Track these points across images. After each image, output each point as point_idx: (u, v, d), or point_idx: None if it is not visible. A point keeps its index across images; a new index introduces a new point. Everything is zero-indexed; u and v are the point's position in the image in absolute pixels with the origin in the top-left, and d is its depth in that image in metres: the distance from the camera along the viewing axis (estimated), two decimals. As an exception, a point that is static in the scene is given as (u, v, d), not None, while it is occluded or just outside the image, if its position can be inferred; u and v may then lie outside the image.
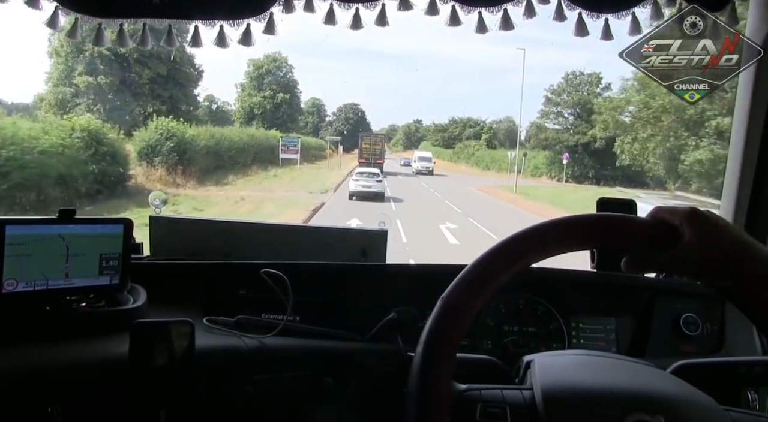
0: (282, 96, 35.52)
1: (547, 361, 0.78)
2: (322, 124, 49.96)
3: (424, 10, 1.34)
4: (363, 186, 16.59)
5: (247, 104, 34.80)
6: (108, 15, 1.27)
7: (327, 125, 50.37)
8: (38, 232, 1.01)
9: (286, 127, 33.78)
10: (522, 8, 1.34)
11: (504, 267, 0.63)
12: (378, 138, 28.79)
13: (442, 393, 0.60)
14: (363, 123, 50.75)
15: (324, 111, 49.43)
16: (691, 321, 1.28)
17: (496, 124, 47.01)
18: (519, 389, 0.73)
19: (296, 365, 1.11)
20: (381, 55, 75.72)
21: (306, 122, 46.41)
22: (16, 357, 0.89)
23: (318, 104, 49.87)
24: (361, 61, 74.39)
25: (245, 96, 35.28)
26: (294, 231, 1.59)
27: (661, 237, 0.60)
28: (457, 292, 0.63)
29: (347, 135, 47.27)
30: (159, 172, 15.94)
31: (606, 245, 0.66)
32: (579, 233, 0.64)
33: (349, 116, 50.48)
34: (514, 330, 1.31)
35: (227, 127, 25.04)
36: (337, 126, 49.04)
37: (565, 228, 0.64)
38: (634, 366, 0.78)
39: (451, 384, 0.66)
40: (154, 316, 1.03)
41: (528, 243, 0.65)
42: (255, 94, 35.20)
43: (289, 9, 1.32)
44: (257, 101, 34.89)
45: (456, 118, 51.98)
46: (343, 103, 51.50)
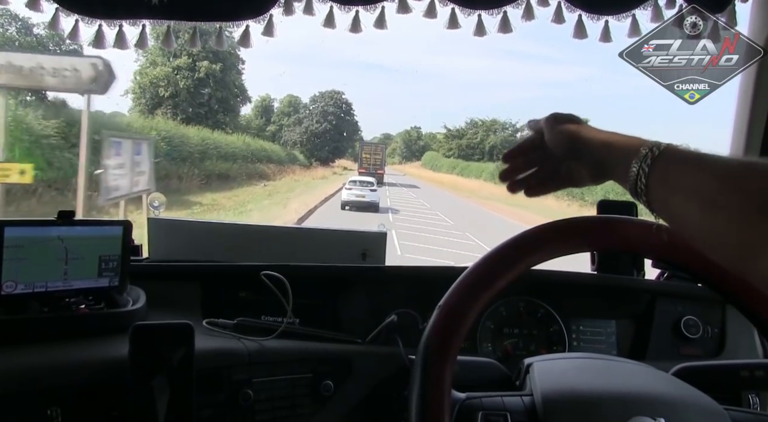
0: (207, 66, 20.95)
1: (546, 365, 0.78)
2: (289, 125, 34.38)
3: (423, 12, 1.34)
4: (356, 195, 15.83)
5: (147, 80, 20.70)
6: (108, 16, 1.28)
7: (294, 123, 34.37)
8: (37, 234, 1.01)
9: (215, 123, 20.85)
10: (521, 10, 1.34)
11: (504, 270, 0.63)
12: (378, 147, 28.95)
13: (443, 396, 0.60)
14: (348, 122, 36.25)
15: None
16: (692, 324, 1.28)
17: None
18: (519, 395, 0.72)
19: (296, 368, 1.11)
20: (371, 66, 75.51)
21: (265, 120, 33.17)
22: (15, 359, 0.89)
23: (296, 103, 36.64)
24: (352, 72, 73.87)
25: (147, 67, 21.05)
26: (293, 233, 1.59)
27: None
28: (457, 295, 0.63)
29: (326, 137, 33.87)
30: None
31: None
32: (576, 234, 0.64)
33: (329, 109, 34.87)
34: (514, 333, 1.31)
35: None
36: (310, 124, 34.05)
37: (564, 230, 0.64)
38: (635, 369, 0.78)
39: (452, 387, 0.66)
40: (154, 318, 1.02)
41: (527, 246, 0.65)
42: (165, 63, 21.01)
43: (289, 11, 1.32)
44: (165, 73, 20.79)
45: (476, 120, 39.65)
46: (319, 91, 36.16)
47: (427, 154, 45.14)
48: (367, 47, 67.38)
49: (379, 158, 26.66)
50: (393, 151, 51.88)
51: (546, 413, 0.67)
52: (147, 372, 0.91)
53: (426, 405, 0.59)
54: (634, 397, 0.68)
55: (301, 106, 36.08)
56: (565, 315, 1.30)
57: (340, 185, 19.68)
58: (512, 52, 72.65)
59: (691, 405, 0.67)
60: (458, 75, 67.41)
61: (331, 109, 35.22)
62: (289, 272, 1.17)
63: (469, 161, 36.28)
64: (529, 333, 1.31)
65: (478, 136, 37.99)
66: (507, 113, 39.34)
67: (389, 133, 56.56)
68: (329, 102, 35.40)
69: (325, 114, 34.80)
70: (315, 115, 34.70)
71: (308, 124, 34.51)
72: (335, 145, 33.24)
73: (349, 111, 36.54)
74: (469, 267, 0.65)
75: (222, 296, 1.26)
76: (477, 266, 0.63)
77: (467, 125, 39.65)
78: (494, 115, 44.01)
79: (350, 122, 36.62)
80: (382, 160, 27.04)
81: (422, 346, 0.62)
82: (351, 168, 34.75)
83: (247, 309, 1.21)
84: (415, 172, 41.49)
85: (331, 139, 34.64)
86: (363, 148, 28.09)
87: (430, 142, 47.69)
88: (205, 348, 1.01)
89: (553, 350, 1.28)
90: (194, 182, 16.38)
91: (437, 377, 0.59)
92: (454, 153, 38.54)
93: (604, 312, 1.33)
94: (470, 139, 37.88)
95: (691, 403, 0.67)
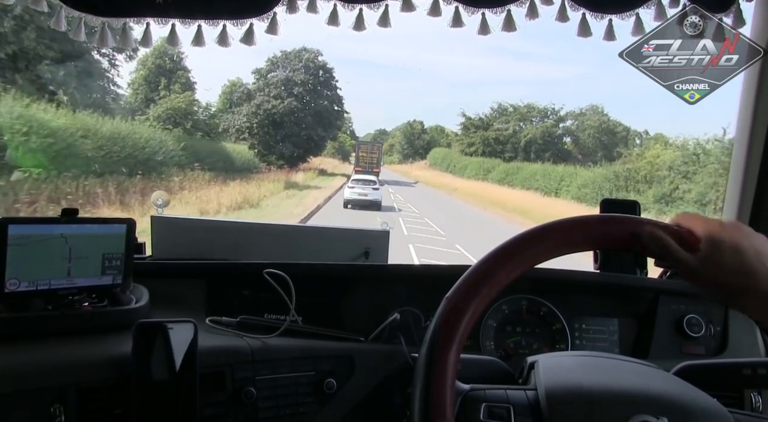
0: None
1: (551, 362, 0.78)
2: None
3: (427, 10, 1.34)
4: (359, 194, 16.18)
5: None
6: (112, 14, 1.28)
7: (242, 100, 20.27)
8: (41, 232, 1.01)
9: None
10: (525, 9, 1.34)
11: (511, 266, 0.63)
12: (375, 146, 28.52)
13: (446, 391, 0.60)
14: (329, 98, 22.14)
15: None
16: (694, 323, 1.28)
17: (579, 116, 25.42)
18: (523, 389, 0.73)
19: (299, 366, 1.11)
20: (364, 63, 74.97)
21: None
22: (18, 357, 0.89)
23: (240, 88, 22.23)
24: (349, 70, 72.89)
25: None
26: (296, 231, 1.59)
27: (682, 243, 0.62)
28: (461, 293, 0.63)
29: (292, 122, 19.74)
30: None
31: (625, 248, 0.67)
32: (602, 233, 0.64)
33: (296, 78, 20.58)
34: (516, 331, 1.31)
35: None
36: (265, 101, 19.85)
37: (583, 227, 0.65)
38: (638, 367, 0.78)
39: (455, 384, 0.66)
40: (157, 316, 1.03)
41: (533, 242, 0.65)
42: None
43: (293, 9, 1.32)
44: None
45: (503, 105, 27.93)
46: (282, 50, 21.37)
47: (434, 151, 35.93)
48: (358, 44, 67.17)
49: (375, 156, 26.68)
50: (391, 147, 44.02)
51: (549, 407, 0.67)
52: (150, 370, 0.92)
53: (430, 394, 0.59)
54: (637, 395, 0.68)
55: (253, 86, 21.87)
56: (568, 314, 1.31)
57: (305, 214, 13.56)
58: (506, 49, 72.10)
59: (694, 404, 0.67)
60: (452, 72, 67.03)
61: (301, 78, 20.54)
62: (292, 270, 1.17)
63: (498, 159, 25.49)
64: (531, 331, 1.31)
65: (509, 127, 27.39)
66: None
67: (384, 129, 49.05)
68: (297, 66, 20.87)
69: (289, 84, 20.25)
70: (272, 87, 20.00)
71: (262, 100, 19.84)
72: (306, 133, 19.69)
73: (330, 82, 21.75)
74: (475, 263, 0.65)
75: (225, 294, 1.26)
76: (483, 261, 0.64)
77: (494, 113, 28.72)
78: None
79: (331, 99, 21.97)
80: (378, 159, 27.08)
81: (428, 336, 0.62)
82: (335, 171, 27.64)
83: (250, 308, 1.22)
84: (427, 176, 29.52)
85: (299, 123, 20.21)
86: (360, 146, 28.18)
87: (436, 136, 39.01)
88: (208, 346, 1.01)
89: (556, 348, 1.28)
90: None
91: (442, 367, 0.60)
92: (478, 149, 27.65)
93: (607, 310, 1.33)
94: (498, 131, 27.28)
95: (693, 402, 0.68)
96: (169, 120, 19.22)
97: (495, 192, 20.48)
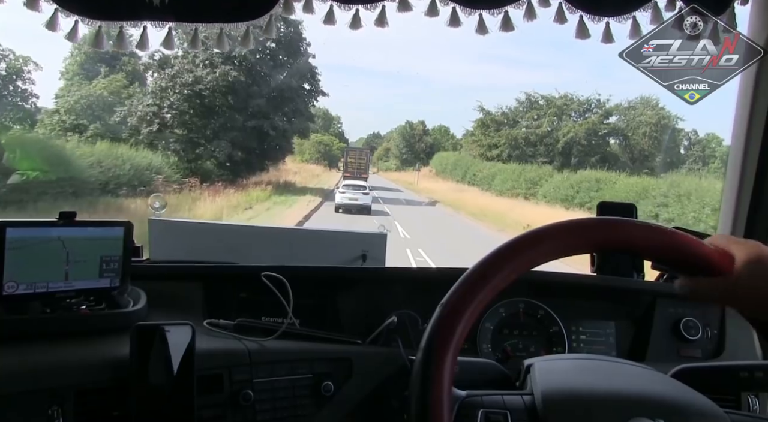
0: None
1: (547, 365, 0.78)
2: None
3: (424, 11, 1.34)
4: (350, 198, 16.29)
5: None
6: (108, 17, 1.27)
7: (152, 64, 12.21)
8: (38, 235, 1.01)
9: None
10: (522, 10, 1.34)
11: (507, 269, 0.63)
12: (363, 152, 28.92)
13: (443, 397, 0.60)
14: (295, 65, 15.27)
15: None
16: (691, 326, 1.28)
17: (628, 110, 19.82)
18: (520, 394, 0.73)
19: (296, 368, 1.11)
20: (354, 69, 73.98)
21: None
22: (16, 359, 0.89)
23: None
24: (335, 76, 71.54)
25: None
26: (294, 234, 1.59)
27: (716, 265, 0.60)
28: (458, 296, 0.63)
29: (225, 103, 12.37)
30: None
31: (652, 257, 0.66)
32: (618, 237, 0.63)
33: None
34: (514, 334, 1.31)
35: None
36: (182, 69, 12.30)
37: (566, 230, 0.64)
38: (635, 370, 0.78)
39: (453, 388, 0.66)
40: (154, 319, 1.03)
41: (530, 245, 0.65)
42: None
43: (289, 10, 1.32)
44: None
45: (533, 97, 21.26)
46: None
47: (440, 156, 30.20)
48: (348, 51, 66.16)
49: (363, 163, 27.13)
50: (387, 152, 38.55)
51: (546, 412, 0.67)
52: (148, 373, 0.92)
53: (426, 401, 0.59)
54: (633, 398, 0.68)
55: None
56: (565, 317, 1.31)
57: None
58: (498, 56, 70.76)
59: (691, 407, 0.67)
60: (445, 78, 66.10)
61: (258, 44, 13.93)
62: (290, 273, 1.17)
63: (532, 164, 19.09)
64: (528, 334, 1.31)
65: (543, 124, 21.00)
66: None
67: (378, 132, 44.87)
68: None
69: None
70: (204, 54, 12.99)
71: (179, 69, 13.09)
72: (256, 123, 13.24)
73: (296, 43, 15.10)
74: (471, 266, 0.65)
75: (223, 297, 1.26)
76: (480, 265, 0.63)
77: (521, 106, 21.89)
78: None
79: (299, 70, 15.11)
80: (366, 165, 27.48)
81: (424, 342, 0.62)
82: (308, 184, 20.57)
83: (248, 310, 1.22)
84: (441, 190, 21.79)
85: (243, 109, 13.50)
86: (348, 152, 28.65)
87: (440, 138, 33.55)
88: (206, 348, 1.01)
89: (553, 351, 1.28)
90: None
91: (438, 373, 0.59)
92: (503, 152, 21.21)
93: (604, 313, 1.33)
94: (529, 129, 20.83)
95: (690, 405, 0.68)
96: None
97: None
